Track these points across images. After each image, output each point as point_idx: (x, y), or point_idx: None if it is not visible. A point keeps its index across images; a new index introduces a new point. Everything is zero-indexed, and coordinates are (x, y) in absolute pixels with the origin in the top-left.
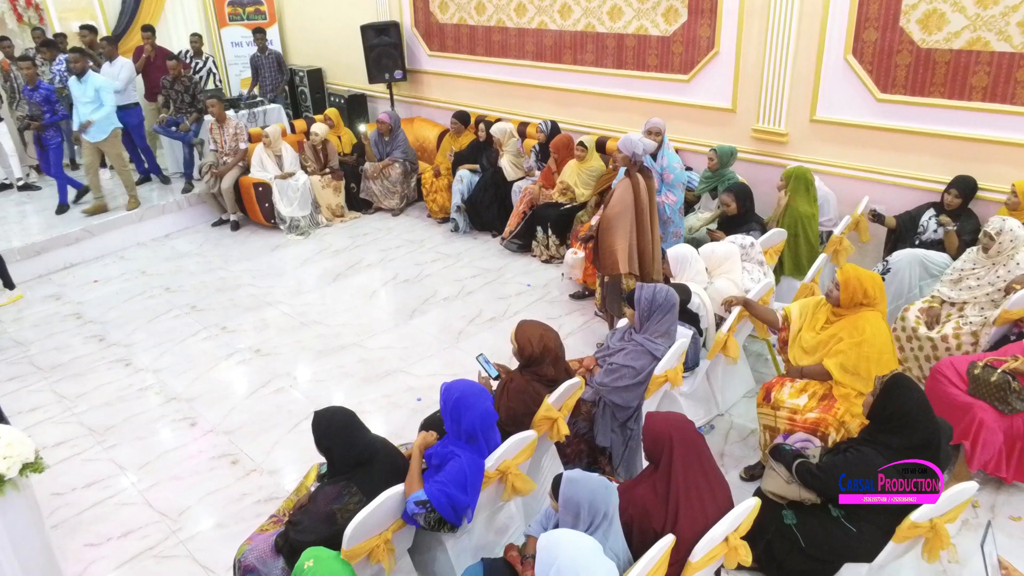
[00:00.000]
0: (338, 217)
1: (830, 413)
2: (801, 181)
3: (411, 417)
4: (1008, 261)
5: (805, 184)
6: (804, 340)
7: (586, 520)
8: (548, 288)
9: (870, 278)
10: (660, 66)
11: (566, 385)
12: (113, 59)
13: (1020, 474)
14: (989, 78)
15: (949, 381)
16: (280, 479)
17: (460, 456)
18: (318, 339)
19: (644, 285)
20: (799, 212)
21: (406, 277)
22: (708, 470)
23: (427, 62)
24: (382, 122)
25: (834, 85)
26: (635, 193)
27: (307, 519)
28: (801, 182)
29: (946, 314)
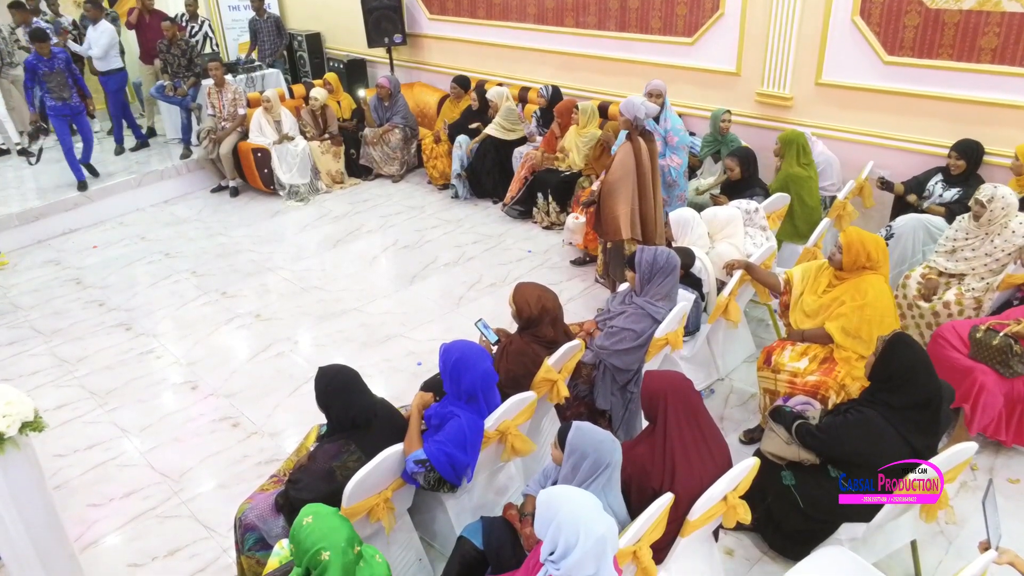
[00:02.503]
0: (338, 183)
1: (831, 376)
2: (792, 145)
3: (411, 381)
4: (1003, 230)
5: (797, 148)
6: (806, 304)
7: (587, 471)
8: (549, 254)
9: (873, 241)
10: (663, 29)
11: (566, 347)
12: (96, 22)
13: (1020, 438)
14: (999, 39)
15: (950, 345)
16: (281, 441)
17: (460, 416)
18: (319, 304)
19: (645, 248)
20: (791, 175)
21: (406, 243)
22: (705, 428)
23: (427, 26)
24: (382, 87)
25: (841, 47)
26: (636, 157)
27: (306, 477)
28: (792, 146)
29: (944, 283)
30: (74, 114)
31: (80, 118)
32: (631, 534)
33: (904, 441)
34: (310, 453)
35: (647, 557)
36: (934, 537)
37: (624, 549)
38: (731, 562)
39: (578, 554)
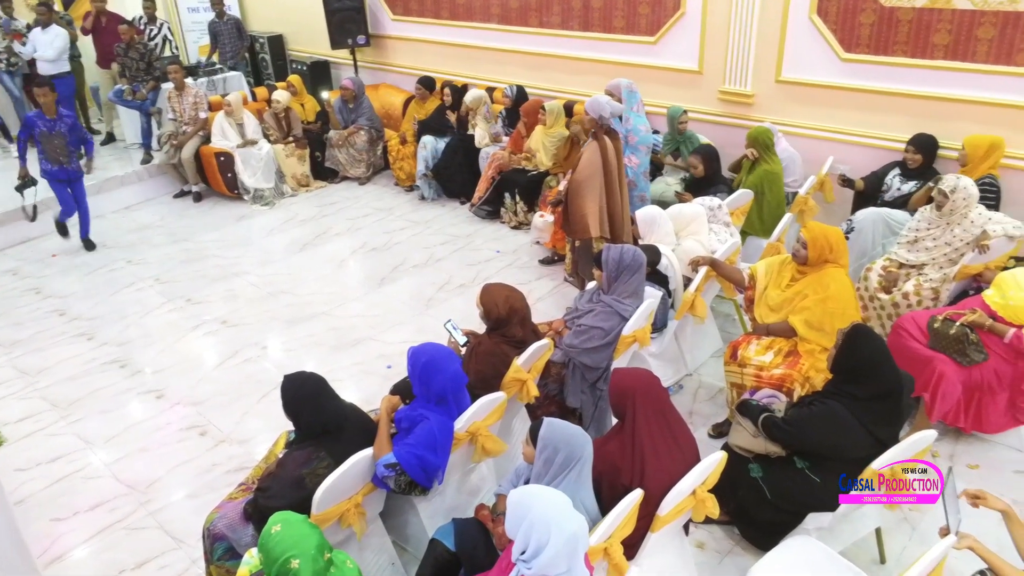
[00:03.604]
0: (303, 186)
1: (795, 369)
2: (761, 141)
3: (382, 384)
4: (962, 220)
5: (765, 143)
6: (770, 298)
7: (559, 465)
8: (518, 254)
9: (834, 233)
10: (627, 28)
11: (535, 347)
12: (47, 26)
13: (977, 424)
14: (951, 36)
15: (910, 335)
16: (250, 448)
17: (430, 418)
18: (287, 308)
19: (611, 246)
20: (764, 171)
21: (375, 245)
22: (673, 424)
23: (391, 27)
24: (346, 89)
25: (799, 45)
26: (603, 156)
27: (276, 484)
28: (760, 142)
29: (905, 274)
30: (71, 180)
31: (77, 186)
32: (602, 531)
33: (868, 431)
34: (279, 460)
35: (618, 553)
36: (898, 524)
37: (595, 546)
38: (702, 555)
39: (550, 553)
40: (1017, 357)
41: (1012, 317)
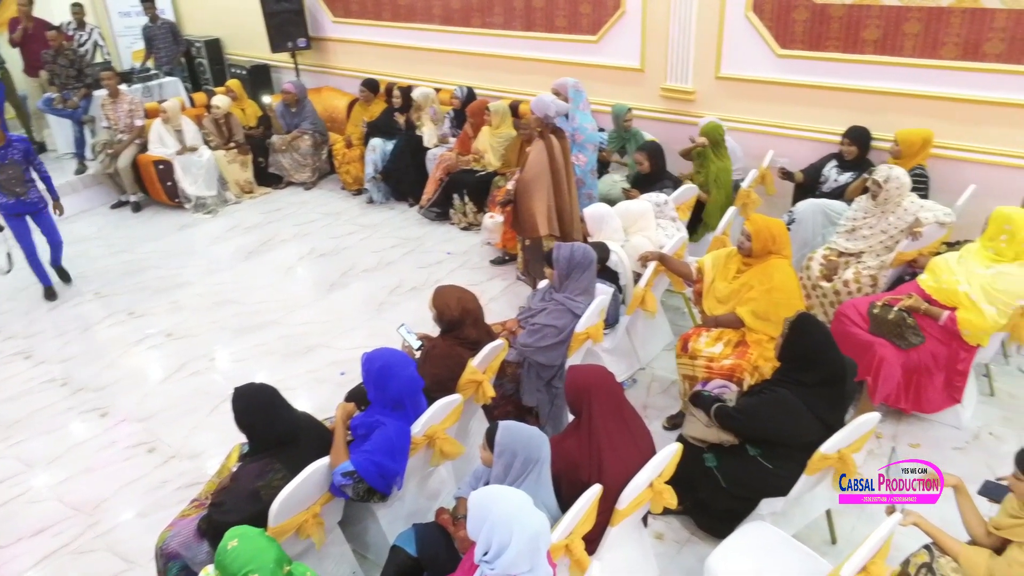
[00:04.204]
0: (247, 193)
1: (744, 359)
2: (712, 137)
3: (336, 391)
4: (896, 208)
5: (716, 140)
6: (717, 290)
7: (518, 468)
8: (469, 255)
9: (777, 225)
10: (569, 27)
11: (489, 347)
12: None
13: (917, 405)
14: (880, 31)
15: (852, 321)
16: (202, 463)
17: (386, 424)
18: (235, 318)
19: (562, 244)
20: (717, 166)
21: (324, 251)
22: (629, 419)
23: (332, 29)
24: (287, 92)
25: (737, 42)
26: (550, 155)
27: (230, 499)
28: (712, 138)
29: (844, 262)
30: (32, 212)
31: (41, 216)
32: (563, 528)
33: (816, 416)
34: (233, 474)
35: (580, 549)
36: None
37: (557, 543)
38: (661, 546)
39: (512, 552)
40: (951, 338)
41: (946, 300)
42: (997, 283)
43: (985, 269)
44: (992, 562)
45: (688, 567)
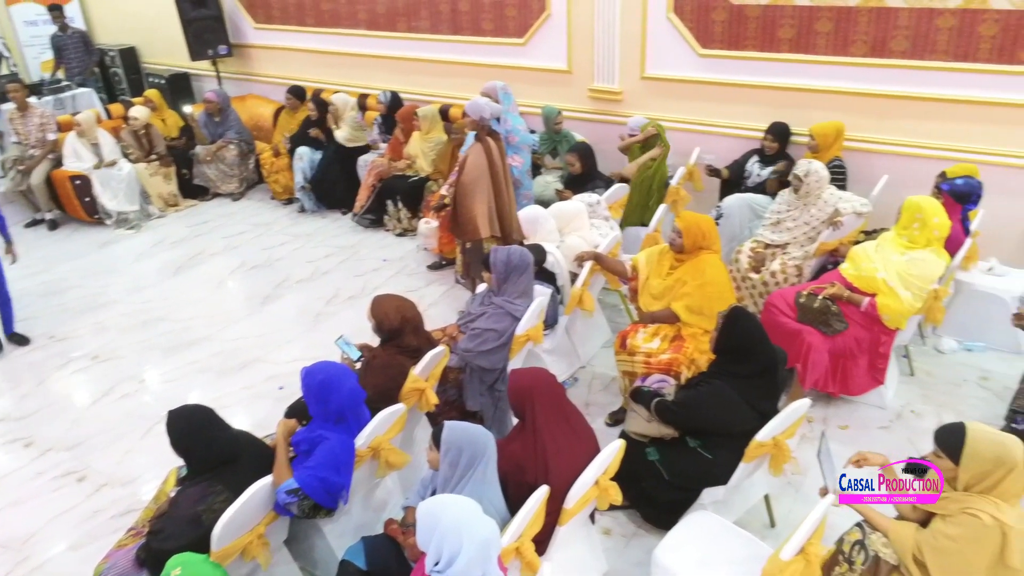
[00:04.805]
0: (172, 206)
1: (681, 352)
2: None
3: (275, 406)
4: (817, 200)
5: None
6: (652, 287)
7: (464, 465)
8: (405, 261)
9: (706, 222)
10: (495, 30)
11: (431, 354)
12: None
13: (844, 388)
14: (794, 30)
15: (780, 311)
16: (136, 490)
17: (329, 438)
18: (165, 336)
19: (498, 248)
20: (659, 167)
21: (255, 263)
22: (571, 418)
23: (253, 35)
24: (209, 101)
25: (660, 42)
26: (488, 157)
27: (170, 525)
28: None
29: (771, 253)
30: None
31: None
32: (512, 531)
33: (751, 406)
34: (171, 499)
35: (530, 551)
36: (783, 488)
37: (507, 547)
38: (609, 541)
39: (463, 560)
40: (872, 323)
41: (866, 287)
42: (911, 269)
43: (900, 256)
44: (918, 535)
45: (636, 560)
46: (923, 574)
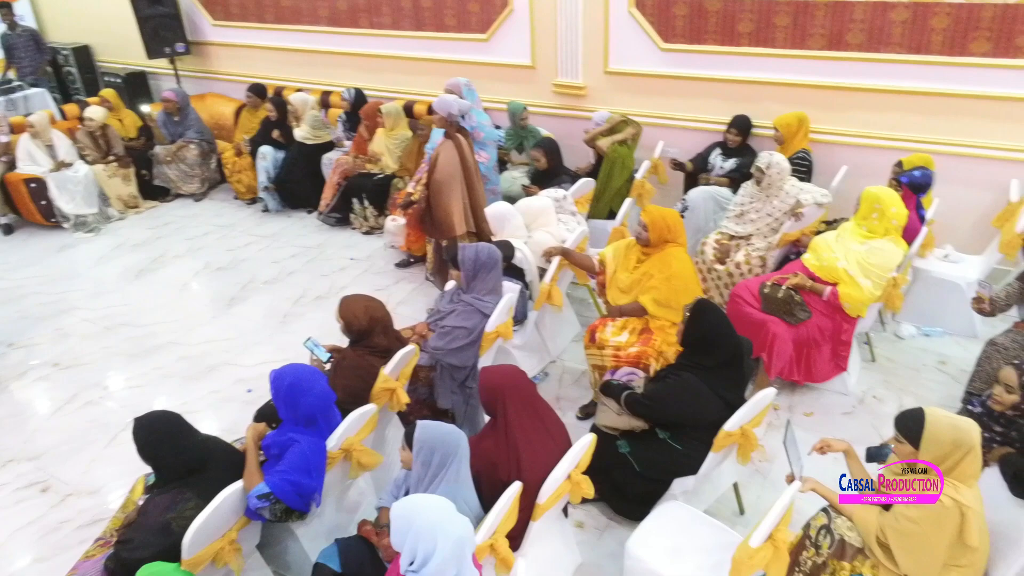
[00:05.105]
0: (132, 208)
1: (649, 345)
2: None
3: (244, 410)
4: (779, 192)
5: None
6: (620, 281)
7: (437, 464)
8: (372, 259)
9: (671, 215)
10: (458, 26)
11: (401, 354)
12: None
13: (809, 376)
14: (753, 24)
15: (745, 302)
16: (103, 499)
17: (300, 441)
18: (128, 342)
19: (466, 245)
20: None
21: (220, 264)
22: (543, 414)
23: (212, 32)
24: (168, 101)
25: (623, 37)
26: (460, 154)
27: (139, 534)
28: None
29: (735, 245)
30: None
31: None
32: (486, 528)
33: (718, 397)
34: (140, 508)
35: (504, 547)
36: (752, 476)
37: (481, 544)
38: (582, 534)
39: (438, 560)
40: (835, 312)
41: (827, 276)
42: (871, 258)
43: (859, 245)
44: (882, 518)
45: (610, 551)
46: (887, 555)
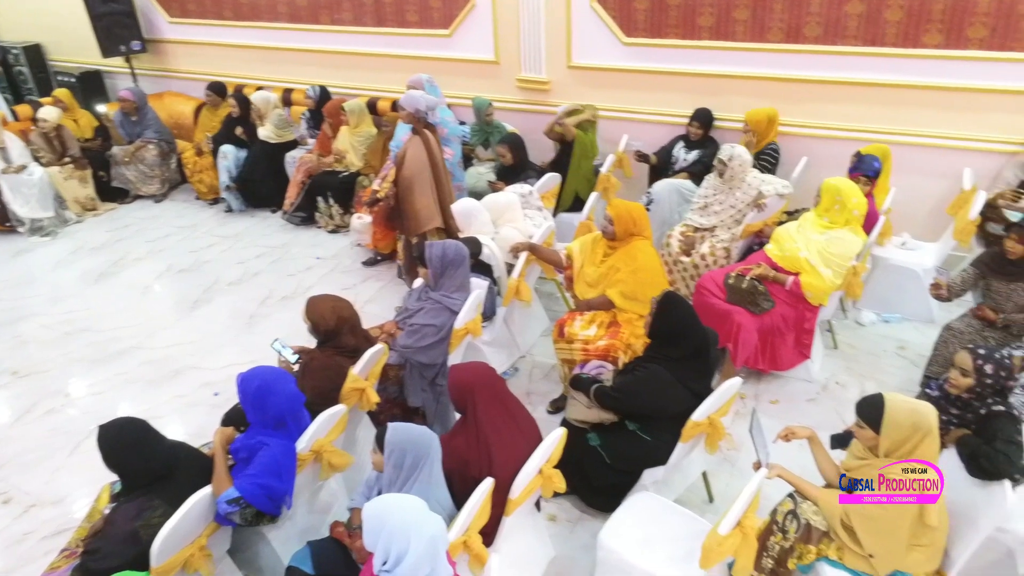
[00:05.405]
0: (90, 210)
1: (617, 338)
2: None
3: (211, 414)
4: (741, 184)
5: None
6: (587, 275)
7: (409, 467)
8: (339, 258)
9: (636, 209)
10: (421, 22)
11: (370, 353)
12: None
13: (773, 364)
14: (713, 18)
15: (711, 293)
16: (67, 509)
17: (269, 444)
18: (90, 347)
19: (433, 243)
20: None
21: (182, 266)
22: (513, 410)
23: (169, 30)
24: (125, 100)
25: (585, 32)
26: (428, 150)
27: (106, 544)
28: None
29: (700, 237)
30: None
31: None
32: (459, 525)
33: (686, 387)
34: (106, 517)
35: (478, 544)
36: (720, 465)
37: (455, 541)
38: (555, 527)
39: (412, 559)
40: (797, 301)
41: (790, 266)
42: (831, 247)
43: (820, 235)
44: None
45: (583, 543)
46: (851, 538)
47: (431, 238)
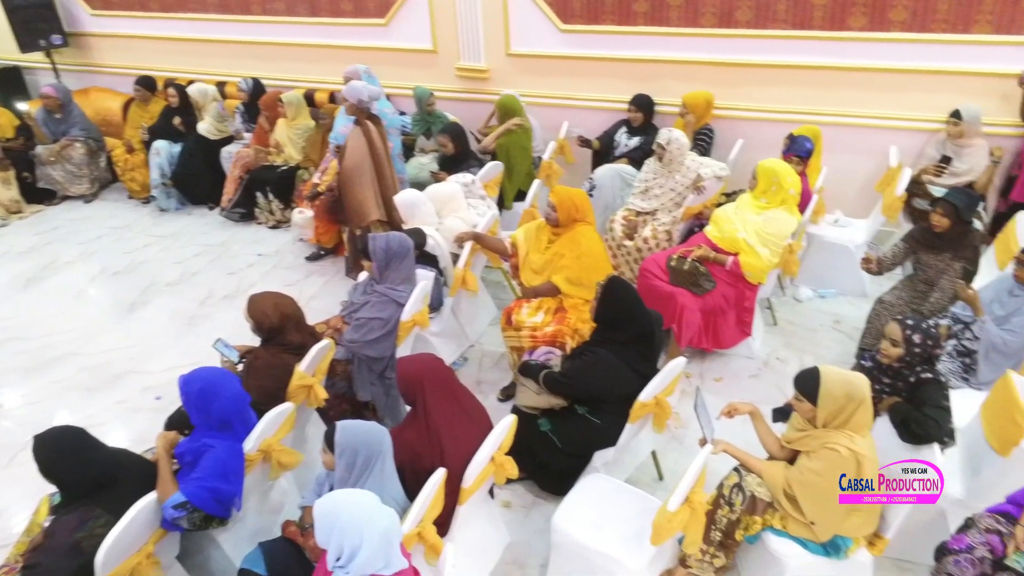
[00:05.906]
0: (15, 213)
1: (564, 324)
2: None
3: (154, 419)
4: (680, 167)
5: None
6: (532, 262)
7: (361, 465)
8: (281, 254)
9: (578, 195)
10: (355, 11)
11: (316, 349)
12: None
13: (716, 343)
14: (648, 4)
15: (654, 275)
16: (5, 523)
17: (215, 446)
18: (22, 356)
19: (376, 236)
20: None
21: (117, 268)
22: (462, 399)
23: (91, 23)
24: (48, 97)
25: (522, 19)
26: (369, 140)
27: (47, 558)
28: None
29: (642, 220)
30: None
31: None
32: (413, 517)
33: (633, 370)
34: (46, 530)
35: (432, 534)
36: (668, 443)
37: (409, 533)
38: (510, 513)
39: (365, 553)
40: (737, 280)
41: (729, 247)
42: (767, 227)
43: (756, 216)
44: (787, 472)
45: (537, 528)
46: (794, 506)
47: (374, 230)
